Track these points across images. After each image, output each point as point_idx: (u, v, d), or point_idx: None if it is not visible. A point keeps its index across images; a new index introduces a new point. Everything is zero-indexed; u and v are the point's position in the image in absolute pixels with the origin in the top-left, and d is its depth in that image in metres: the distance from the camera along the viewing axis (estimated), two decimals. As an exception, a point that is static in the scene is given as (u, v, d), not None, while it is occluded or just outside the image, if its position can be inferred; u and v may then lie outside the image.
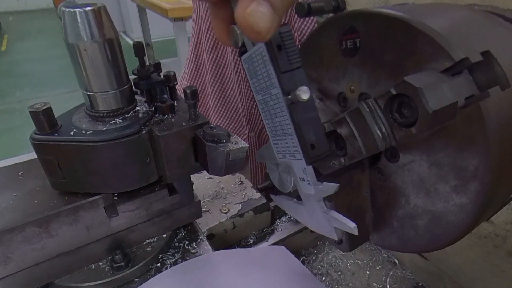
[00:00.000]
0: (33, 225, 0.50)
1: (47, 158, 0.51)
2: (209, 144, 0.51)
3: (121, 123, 0.53)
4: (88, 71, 0.50)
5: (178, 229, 0.71)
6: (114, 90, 0.53)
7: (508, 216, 0.68)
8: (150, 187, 0.59)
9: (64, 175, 0.52)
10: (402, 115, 0.35)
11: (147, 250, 0.63)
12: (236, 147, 0.51)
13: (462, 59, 0.34)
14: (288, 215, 0.93)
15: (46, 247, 0.53)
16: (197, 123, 0.55)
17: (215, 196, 0.87)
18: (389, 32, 0.40)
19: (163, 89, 0.59)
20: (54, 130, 0.51)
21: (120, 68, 0.52)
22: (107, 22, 0.48)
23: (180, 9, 3.22)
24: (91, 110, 0.54)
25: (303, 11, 0.43)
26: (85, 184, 0.53)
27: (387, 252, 0.93)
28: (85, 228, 0.56)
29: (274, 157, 0.40)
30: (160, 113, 0.56)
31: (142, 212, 0.60)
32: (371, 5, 0.79)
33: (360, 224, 0.51)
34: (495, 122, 0.35)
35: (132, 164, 0.53)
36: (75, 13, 0.45)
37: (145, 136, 0.53)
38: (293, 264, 0.68)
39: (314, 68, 0.54)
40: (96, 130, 0.51)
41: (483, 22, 0.44)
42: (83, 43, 0.47)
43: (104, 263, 0.61)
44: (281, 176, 0.43)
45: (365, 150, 0.38)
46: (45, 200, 0.54)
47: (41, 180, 0.57)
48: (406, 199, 0.46)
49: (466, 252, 0.78)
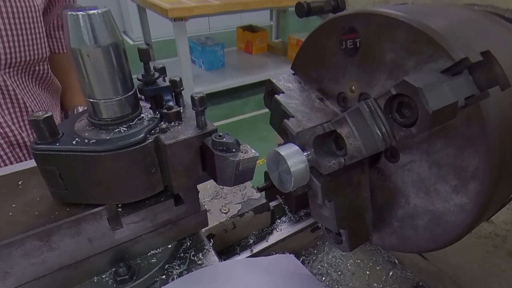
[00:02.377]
0: (33, 238, 0.48)
1: (48, 168, 0.49)
2: (218, 153, 0.49)
3: (126, 132, 0.51)
4: (91, 77, 0.48)
5: (183, 239, 0.69)
6: (118, 97, 0.50)
7: (508, 216, 0.68)
8: (155, 197, 0.57)
9: (66, 185, 0.50)
10: (402, 115, 0.35)
11: (152, 262, 0.61)
12: (246, 156, 0.49)
13: (462, 59, 0.34)
14: (288, 215, 0.94)
15: (46, 260, 0.51)
16: (205, 131, 0.52)
17: (215, 196, 0.87)
18: (389, 32, 0.40)
19: (168, 95, 0.56)
20: (56, 139, 0.49)
21: (125, 74, 0.50)
22: (111, 26, 0.46)
23: (180, 9, 3.23)
24: (94, 118, 0.51)
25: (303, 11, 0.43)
26: (87, 195, 0.51)
27: (387, 252, 0.93)
28: (87, 240, 0.54)
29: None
30: (166, 120, 0.54)
31: (147, 224, 0.58)
32: (371, 5, 0.79)
33: (360, 224, 0.51)
34: (495, 122, 0.35)
35: (137, 175, 0.51)
36: (77, 16, 0.43)
37: (150, 145, 0.50)
38: (301, 271, 0.68)
39: (314, 68, 0.54)
40: (99, 139, 0.49)
41: (483, 22, 0.44)
42: (86, 48, 0.45)
43: (107, 276, 0.59)
44: (281, 176, 0.43)
45: (365, 150, 0.38)
46: (46, 212, 0.51)
47: (42, 189, 0.55)
48: (406, 199, 0.46)
49: (466, 252, 0.78)
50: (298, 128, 0.47)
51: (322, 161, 0.42)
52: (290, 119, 0.48)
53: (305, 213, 0.94)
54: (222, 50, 4.61)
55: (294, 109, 0.50)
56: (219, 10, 3.45)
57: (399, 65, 0.40)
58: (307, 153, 0.42)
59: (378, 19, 0.41)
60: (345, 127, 0.39)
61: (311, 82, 0.55)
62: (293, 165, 0.41)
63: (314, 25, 0.51)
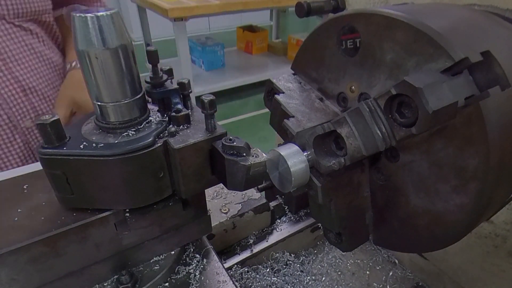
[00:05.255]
0: (39, 245, 0.47)
1: (55, 173, 0.48)
2: (228, 158, 0.48)
3: (134, 135, 0.50)
4: (99, 80, 0.46)
5: (186, 245, 0.67)
6: (126, 100, 0.49)
7: (508, 216, 0.68)
8: (163, 201, 0.56)
9: (73, 190, 0.49)
10: (402, 115, 0.35)
11: (155, 269, 0.60)
12: (257, 160, 0.48)
13: (462, 59, 0.34)
14: (288, 215, 0.94)
15: (53, 267, 0.50)
16: (215, 134, 0.51)
17: (215, 196, 0.87)
18: (389, 32, 0.40)
19: (177, 97, 0.55)
20: (63, 143, 0.47)
21: (134, 76, 0.49)
22: (120, 27, 0.45)
23: (180, 9, 3.22)
24: (102, 121, 0.50)
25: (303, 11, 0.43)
26: (95, 199, 0.50)
27: (387, 252, 0.93)
28: (94, 246, 0.52)
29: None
30: (175, 123, 0.53)
31: (155, 229, 0.56)
32: (371, 5, 0.79)
33: (360, 224, 0.51)
34: (495, 122, 0.35)
35: (145, 179, 0.50)
36: (86, 18, 0.42)
37: (159, 149, 0.49)
38: None
39: (314, 68, 0.54)
40: (107, 143, 0.48)
41: (483, 22, 0.44)
42: (94, 50, 0.44)
43: (109, 284, 0.57)
44: (281, 176, 0.43)
45: (365, 150, 0.38)
46: (52, 217, 0.50)
47: (48, 194, 0.54)
48: (406, 199, 0.46)
49: (466, 252, 0.78)
50: (298, 128, 0.47)
51: (322, 161, 0.42)
52: (290, 119, 0.48)
53: (305, 213, 0.94)
54: (222, 50, 4.61)
55: (294, 109, 0.50)
56: (219, 10, 3.45)
57: (399, 65, 0.40)
58: (307, 153, 0.42)
59: (378, 19, 0.41)
60: (345, 127, 0.39)
61: (311, 82, 0.55)
62: (293, 165, 0.41)
63: (314, 25, 0.51)
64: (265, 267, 0.86)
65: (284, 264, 0.88)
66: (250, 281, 0.83)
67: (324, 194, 0.45)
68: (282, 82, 0.56)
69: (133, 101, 0.50)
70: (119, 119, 0.50)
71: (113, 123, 0.50)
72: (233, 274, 0.81)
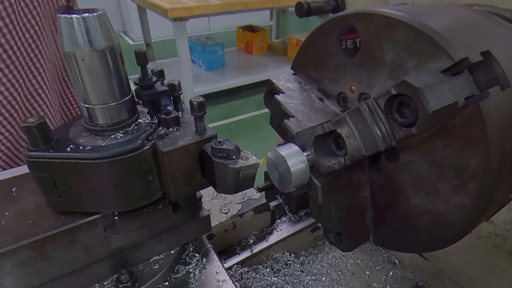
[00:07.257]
0: (26, 248, 0.46)
1: (42, 176, 0.47)
2: (218, 161, 0.48)
3: (122, 138, 0.49)
4: (86, 82, 0.45)
5: (186, 245, 0.67)
6: (114, 102, 0.48)
7: (508, 216, 0.68)
8: (153, 205, 0.55)
9: (60, 193, 0.48)
10: (402, 115, 0.35)
11: (155, 268, 0.60)
12: (247, 163, 0.47)
13: (462, 59, 0.34)
14: (288, 215, 0.94)
15: (40, 270, 0.49)
16: (205, 136, 0.51)
17: (215, 196, 0.87)
18: (389, 32, 0.40)
19: (167, 99, 0.54)
20: (49, 146, 0.46)
21: (121, 78, 0.48)
22: (107, 29, 0.44)
23: (180, 9, 3.23)
24: (90, 124, 0.49)
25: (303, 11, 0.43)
26: (83, 203, 0.49)
27: (387, 252, 0.93)
28: (83, 249, 0.52)
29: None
30: (164, 125, 0.52)
31: (145, 232, 0.56)
32: (371, 5, 0.79)
33: (360, 224, 0.51)
34: (495, 122, 0.35)
35: (133, 182, 0.49)
36: (71, 19, 0.41)
37: (148, 152, 0.48)
38: None
39: (314, 68, 0.54)
40: (94, 146, 0.47)
41: (483, 22, 0.44)
42: (81, 52, 0.43)
43: (109, 283, 0.57)
44: (281, 176, 0.43)
45: (365, 150, 0.38)
46: (40, 220, 0.49)
47: (36, 197, 0.53)
48: (406, 199, 0.46)
49: (466, 252, 0.78)
50: (298, 128, 0.47)
51: (322, 161, 0.42)
52: (290, 119, 0.48)
53: (305, 213, 0.94)
54: (222, 50, 4.61)
55: (294, 109, 0.50)
56: (219, 10, 3.45)
57: (399, 65, 0.40)
58: (307, 153, 0.42)
59: (378, 19, 0.41)
60: (345, 127, 0.39)
61: (311, 82, 0.55)
62: (293, 165, 0.41)
63: (314, 25, 0.51)
64: (265, 267, 0.86)
65: (284, 264, 0.88)
66: (250, 281, 0.83)
67: (324, 194, 0.45)
68: (282, 82, 0.56)
69: (121, 103, 0.49)
70: (107, 121, 0.49)
71: (101, 126, 0.49)
72: (233, 274, 0.81)
